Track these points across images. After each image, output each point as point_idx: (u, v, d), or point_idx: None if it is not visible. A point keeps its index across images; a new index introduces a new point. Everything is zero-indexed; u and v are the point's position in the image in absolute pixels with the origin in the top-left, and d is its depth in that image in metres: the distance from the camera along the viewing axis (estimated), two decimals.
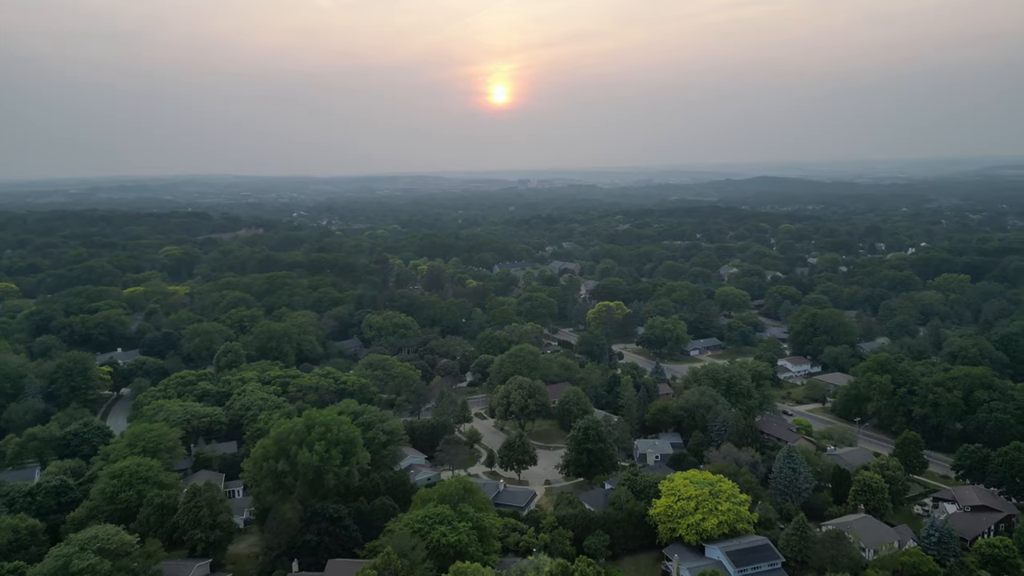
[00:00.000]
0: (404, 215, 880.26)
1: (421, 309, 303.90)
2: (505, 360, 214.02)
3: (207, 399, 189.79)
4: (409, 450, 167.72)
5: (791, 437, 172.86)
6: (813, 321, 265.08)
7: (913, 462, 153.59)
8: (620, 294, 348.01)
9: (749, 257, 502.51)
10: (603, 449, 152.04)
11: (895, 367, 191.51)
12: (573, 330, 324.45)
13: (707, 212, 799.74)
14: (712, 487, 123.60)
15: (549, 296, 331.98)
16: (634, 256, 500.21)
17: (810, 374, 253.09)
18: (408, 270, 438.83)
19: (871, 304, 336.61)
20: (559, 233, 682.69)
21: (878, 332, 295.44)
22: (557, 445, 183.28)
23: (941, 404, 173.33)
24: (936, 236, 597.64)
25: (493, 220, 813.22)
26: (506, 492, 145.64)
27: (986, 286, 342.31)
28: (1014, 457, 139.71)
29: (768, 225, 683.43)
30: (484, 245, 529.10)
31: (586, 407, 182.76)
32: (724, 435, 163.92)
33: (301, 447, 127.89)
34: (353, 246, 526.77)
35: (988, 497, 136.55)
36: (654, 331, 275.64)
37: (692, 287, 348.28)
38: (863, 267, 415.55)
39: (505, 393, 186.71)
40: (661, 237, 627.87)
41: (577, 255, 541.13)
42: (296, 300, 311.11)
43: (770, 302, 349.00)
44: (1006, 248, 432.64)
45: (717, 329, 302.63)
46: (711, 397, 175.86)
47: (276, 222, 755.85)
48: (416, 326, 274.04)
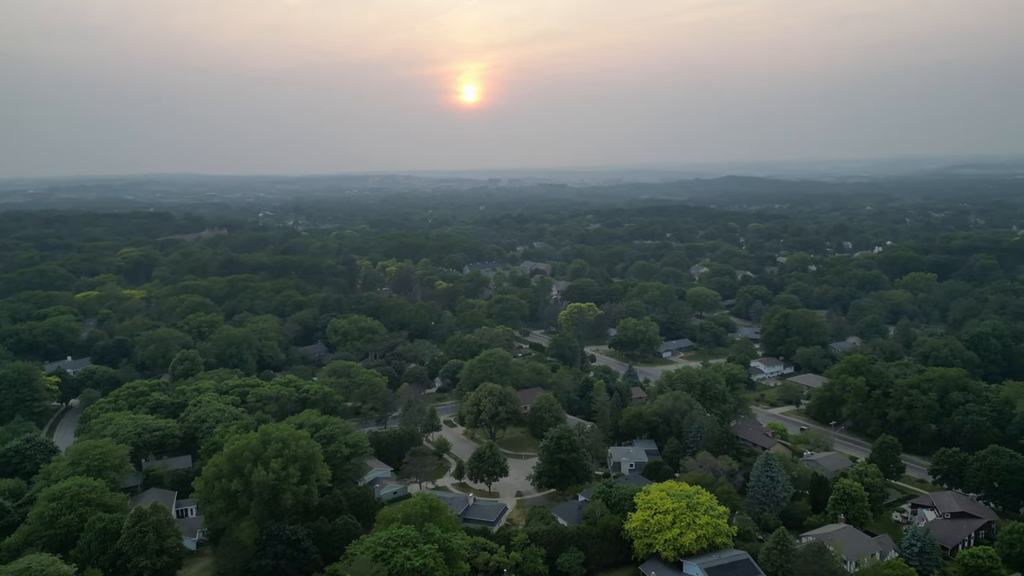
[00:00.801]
0: (373, 215, 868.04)
1: (389, 312, 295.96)
2: (475, 365, 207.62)
3: (160, 411, 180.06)
4: (374, 462, 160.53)
5: (767, 442, 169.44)
6: (785, 322, 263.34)
7: (890, 467, 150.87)
8: (592, 295, 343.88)
9: (719, 256, 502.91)
10: (576, 459, 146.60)
11: (869, 369, 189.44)
12: (545, 332, 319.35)
13: (677, 211, 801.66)
14: (689, 500, 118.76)
15: (520, 298, 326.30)
16: (605, 256, 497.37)
17: (783, 375, 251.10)
18: (376, 272, 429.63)
19: (841, 303, 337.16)
20: (530, 233, 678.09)
21: (849, 332, 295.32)
22: (529, 453, 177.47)
23: (916, 406, 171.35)
24: (901, 235, 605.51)
25: (464, 220, 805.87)
26: (475, 507, 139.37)
27: (953, 285, 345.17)
28: (992, 461, 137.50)
29: (737, 224, 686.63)
30: (454, 245, 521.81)
31: (558, 414, 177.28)
32: (700, 442, 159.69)
33: (256, 465, 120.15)
34: (319, 247, 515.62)
35: (967, 503, 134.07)
36: (626, 333, 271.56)
37: (664, 287, 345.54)
38: (832, 266, 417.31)
39: (475, 401, 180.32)
40: (632, 237, 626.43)
41: (548, 255, 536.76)
42: (258, 304, 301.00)
43: (741, 302, 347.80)
44: (971, 247, 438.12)
45: (689, 330, 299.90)
46: (686, 402, 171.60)
47: (241, 222, 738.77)
48: (383, 330, 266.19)
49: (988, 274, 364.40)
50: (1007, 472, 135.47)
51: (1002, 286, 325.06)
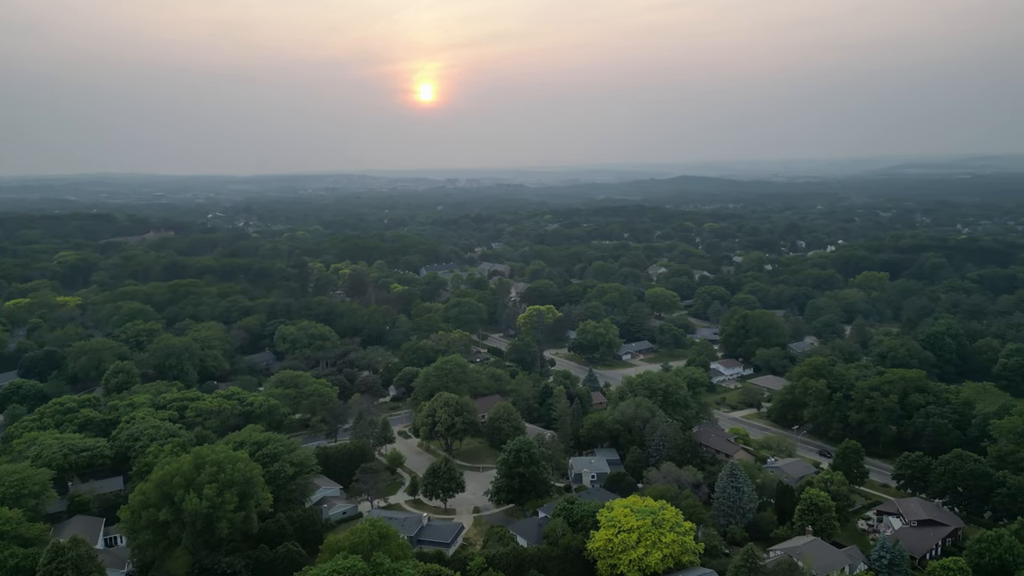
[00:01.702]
0: (327, 215, 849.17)
1: (341, 317, 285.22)
2: (431, 373, 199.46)
3: (90, 429, 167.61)
4: (322, 480, 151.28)
5: (730, 449, 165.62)
6: (744, 323, 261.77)
7: (854, 472, 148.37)
8: (551, 297, 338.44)
9: (676, 256, 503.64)
10: (536, 473, 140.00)
11: (830, 371, 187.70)
12: (503, 335, 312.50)
13: (633, 211, 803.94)
14: (655, 516, 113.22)
15: (478, 301, 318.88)
16: (564, 257, 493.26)
17: (743, 377, 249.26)
18: (329, 274, 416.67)
19: (797, 303, 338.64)
20: (488, 233, 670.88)
21: (806, 331, 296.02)
22: (487, 465, 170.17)
23: (877, 409, 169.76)
24: (852, 234, 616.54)
25: (421, 220, 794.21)
26: (430, 527, 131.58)
27: (905, 284, 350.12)
28: (956, 466, 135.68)
29: (693, 224, 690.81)
30: (411, 247, 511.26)
31: (517, 423, 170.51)
32: (662, 451, 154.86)
33: (188, 491, 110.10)
34: (270, 249, 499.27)
35: (933, 510, 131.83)
36: (586, 336, 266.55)
37: (623, 288, 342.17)
38: (787, 266, 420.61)
39: (430, 412, 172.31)
40: (590, 237, 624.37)
41: (507, 256, 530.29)
42: (202, 310, 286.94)
43: (699, 303, 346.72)
44: (920, 246, 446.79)
45: (648, 332, 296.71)
46: (648, 409, 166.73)
47: (189, 224, 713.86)
48: (335, 336, 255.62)
49: (938, 272, 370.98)
50: (971, 477, 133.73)
51: (953, 284, 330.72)
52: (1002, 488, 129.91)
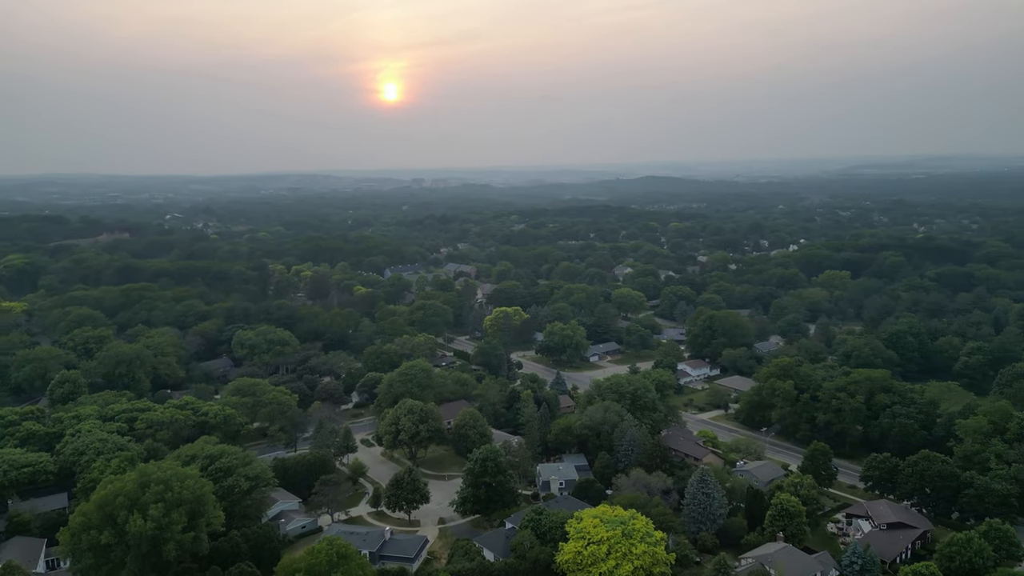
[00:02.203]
0: (290, 216, 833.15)
1: (302, 321, 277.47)
2: (395, 379, 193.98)
3: (33, 443, 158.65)
4: (280, 494, 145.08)
5: (699, 452, 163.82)
6: (711, 323, 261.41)
7: (822, 474, 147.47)
8: (517, 298, 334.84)
9: (642, 256, 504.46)
10: (503, 482, 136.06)
11: (797, 372, 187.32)
12: (470, 338, 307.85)
13: (599, 211, 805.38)
14: (625, 527, 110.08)
15: (444, 303, 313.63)
16: (530, 257, 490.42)
17: (710, 377, 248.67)
18: (290, 277, 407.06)
19: (762, 302, 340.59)
20: (454, 234, 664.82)
21: (771, 331, 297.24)
22: (453, 474, 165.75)
23: (844, 410, 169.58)
24: (813, 233, 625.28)
25: (385, 220, 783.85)
26: (393, 541, 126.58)
27: (866, 282, 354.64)
28: (923, 467, 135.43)
29: (658, 224, 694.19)
30: (375, 248, 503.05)
31: (484, 430, 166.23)
32: (631, 456, 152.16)
33: (132, 512, 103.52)
34: (229, 251, 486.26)
35: (902, 512, 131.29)
36: (553, 338, 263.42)
37: (589, 289, 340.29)
38: (752, 265, 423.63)
39: (393, 419, 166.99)
40: (556, 237, 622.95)
41: (473, 257, 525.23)
42: (156, 316, 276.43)
43: (665, 303, 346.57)
44: (879, 244, 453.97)
45: (616, 333, 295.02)
46: (616, 413, 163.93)
47: (145, 225, 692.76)
48: (295, 341, 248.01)
49: (898, 271, 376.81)
50: (939, 478, 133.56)
51: (912, 283, 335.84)
52: (969, 489, 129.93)
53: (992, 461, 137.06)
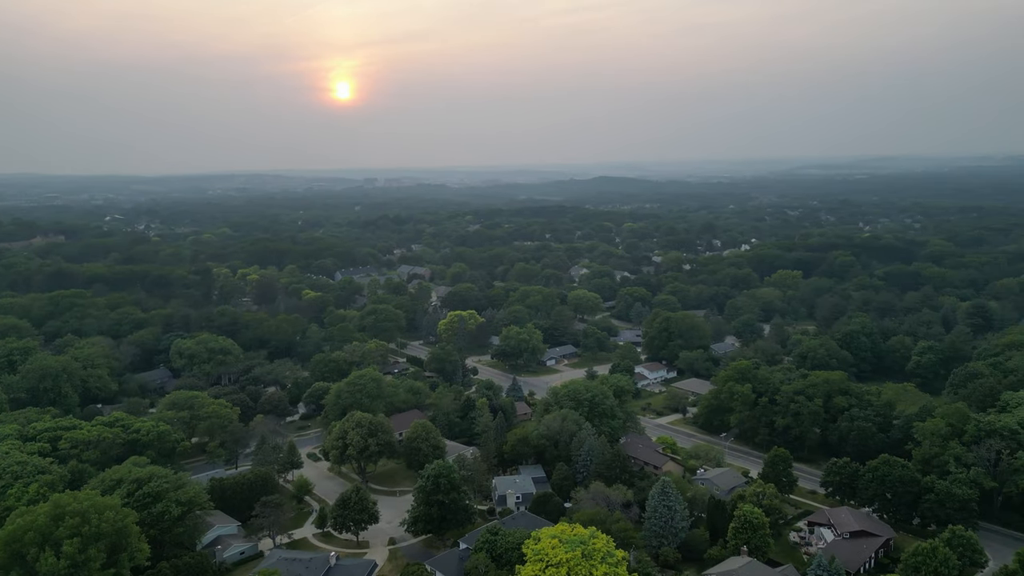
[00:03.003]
0: (237, 217, 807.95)
1: (246, 328, 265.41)
2: (343, 389, 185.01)
3: None
4: (217, 517, 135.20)
5: (658, 460, 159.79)
6: (667, 325, 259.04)
7: (783, 481, 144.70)
8: (473, 301, 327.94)
9: (597, 257, 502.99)
10: (457, 500, 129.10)
11: (755, 375, 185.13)
12: (424, 343, 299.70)
13: (554, 212, 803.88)
14: (585, 546, 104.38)
15: (397, 307, 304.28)
16: (486, 258, 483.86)
17: (667, 380, 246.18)
18: (235, 281, 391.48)
19: (717, 303, 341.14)
20: (408, 235, 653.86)
21: (727, 331, 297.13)
22: (405, 489, 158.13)
23: (803, 413, 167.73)
24: (763, 232, 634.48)
25: (337, 221, 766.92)
26: (339, 567, 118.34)
27: (817, 282, 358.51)
28: (884, 472, 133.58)
29: (612, 224, 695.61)
30: (326, 249, 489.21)
31: (436, 442, 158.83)
32: (590, 466, 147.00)
33: (43, 549, 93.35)
34: (171, 254, 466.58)
35: (865, 520, 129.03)
36: (509, 342, 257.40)
37: (545, 291, 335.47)
38: (706, 265, 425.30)
39: (341, 433, 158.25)
40: (512, 238, 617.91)
41: (427, 258, 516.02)
42: (88, 324, 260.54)
43: (621, 304, 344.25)
44: (829, 244, 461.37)
45: (572, 335, 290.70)
46: (574, 422, 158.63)
47: (83, 228, 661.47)
48: (238, 350, 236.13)
49: (847, 270, 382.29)
50: (899, 483, 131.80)
51: (862, 283, 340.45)
52: (930, 494, 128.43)
53: (951, 464, 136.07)
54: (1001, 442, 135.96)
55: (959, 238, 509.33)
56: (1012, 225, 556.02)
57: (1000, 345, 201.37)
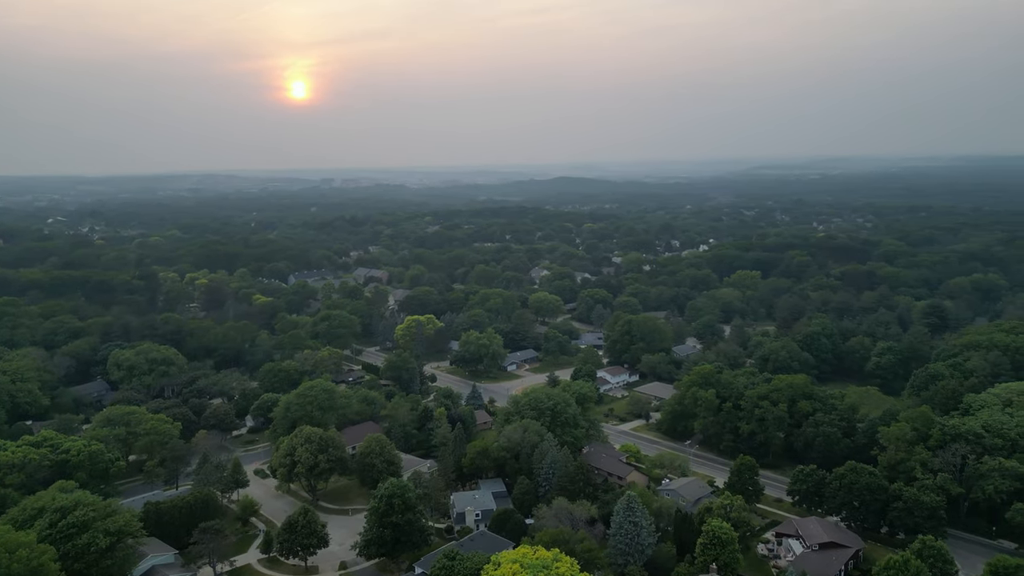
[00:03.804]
0: (187, 218, 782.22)
1: (192, 336, 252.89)
2: (292, 401, 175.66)
3: None
4: (152, 544, 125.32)
5: (623, 471, 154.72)
6: (629, 328, 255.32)
7: (749, 490, 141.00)
8: (431, 305, 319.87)
9: (558, 258, 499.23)
10: (412, 520, 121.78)
11: (718, 380, 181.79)
12: (380, 349, 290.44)
13: (515, 212, 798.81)
14: (548, 571, 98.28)
15: (352, 312, 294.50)
16: (445, 261, 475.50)
17: (629, 384, 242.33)
18: (183, 286, 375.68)
19: (677, 304, 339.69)
20: (365, 236, 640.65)
21: (688, 332, 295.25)
22: (358, 507, 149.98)
23: (767, 419, 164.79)
24: (721, 232, 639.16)
25: (292, 223, 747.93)
26: None
27: (775, 282, 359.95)
28: (851, 480, 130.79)
29: (572, 225, 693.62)
30: (279, 252, 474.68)
31: (391, 457, 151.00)
32: (552, 479, 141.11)
33: None
34: (115, 258, 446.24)
35: (833, 530, 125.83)
36: (469, 348, 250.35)
37: (506, 294, 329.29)
38: (665, 266, 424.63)
39: (289, 450, 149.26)
40: (471, 239, 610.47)
41: (385, 261, 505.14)
42: (19, 335, 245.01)
43: (583, 306, 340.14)
44: (785, 244, 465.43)
45: (534, 339, 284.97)
46: (535, 433, 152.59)
47: (22, 230, 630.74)
48: (182, 360, 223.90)
49: (804, 270, 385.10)
50: (867, 491, 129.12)
51: (820, 283, 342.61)
52: (898, 502, 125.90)
53: (917, 470, 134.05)
54: (966, 446, 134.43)
55: (910, 237, 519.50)
56: (960, 224, 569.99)
57: (958, 346, 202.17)
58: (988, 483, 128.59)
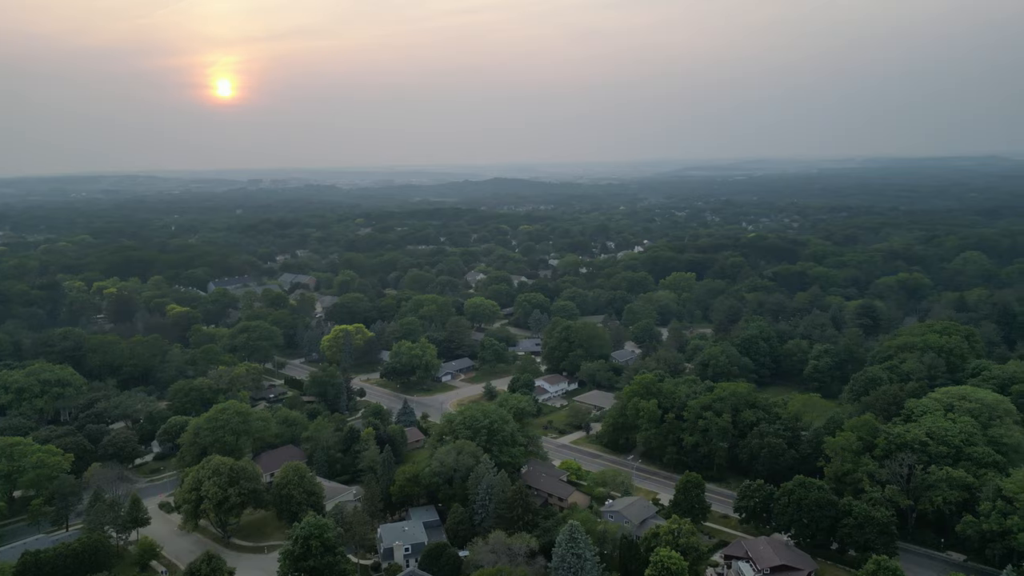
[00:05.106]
0: (101, 222, 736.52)
1: (94, 352, 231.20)
2: (201, 426, 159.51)
3: None
4: None
5: (564, 491, 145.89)
6: (567, 335, 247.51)
7: (696, 509, 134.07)
8: (361, 313, 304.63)
9: (495, 261, 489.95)
10: (333, 564, 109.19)
11: (660, 389, 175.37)
12: (305, 361, 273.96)
13: (450, 214, 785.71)
14: None
15: (275, 321, 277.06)
16: (377, 265, 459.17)
17: (568, 392, 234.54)
18: (89, 296, 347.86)
19: (614, 307, 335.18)
20: (292, 240, 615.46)
21: (625, 336, 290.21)
22: (275, 543, 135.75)
23: (711, 430, 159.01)
24: (654, 233, 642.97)
25: (215, 226, 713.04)
26: None
27: (710, 283, 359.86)
28: (800, 495, 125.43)
29: (508, 227, 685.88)
30: (199, 258, 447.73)
31: (311, 487, 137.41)
32: (489, 506, 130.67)
33: None
34: (14, 266, 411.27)
35: (785, 552, 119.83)
36: (400, 359, 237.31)
37: (441, 300, 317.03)
38: (602, 268, 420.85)
39: (194, 484, 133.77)
40: (405, 241, 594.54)
41: (313, 266, 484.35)
42: None
43: (520, 311, 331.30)
44: (718, 245, 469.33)
45: (470, 347, 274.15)
46: (470, 455, 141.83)
47: None
48: (80, 380, 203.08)
49: (738, 271, 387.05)
50: (816, 507, 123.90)
51: (754, 284, 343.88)
52: (848, 518, 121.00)
53: (865, 482, 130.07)
54: (912, 455, 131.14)
55: (835, 236, 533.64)
56: (880, 224, 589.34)
57: (892, 347, 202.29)
58: (936, 494, 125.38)
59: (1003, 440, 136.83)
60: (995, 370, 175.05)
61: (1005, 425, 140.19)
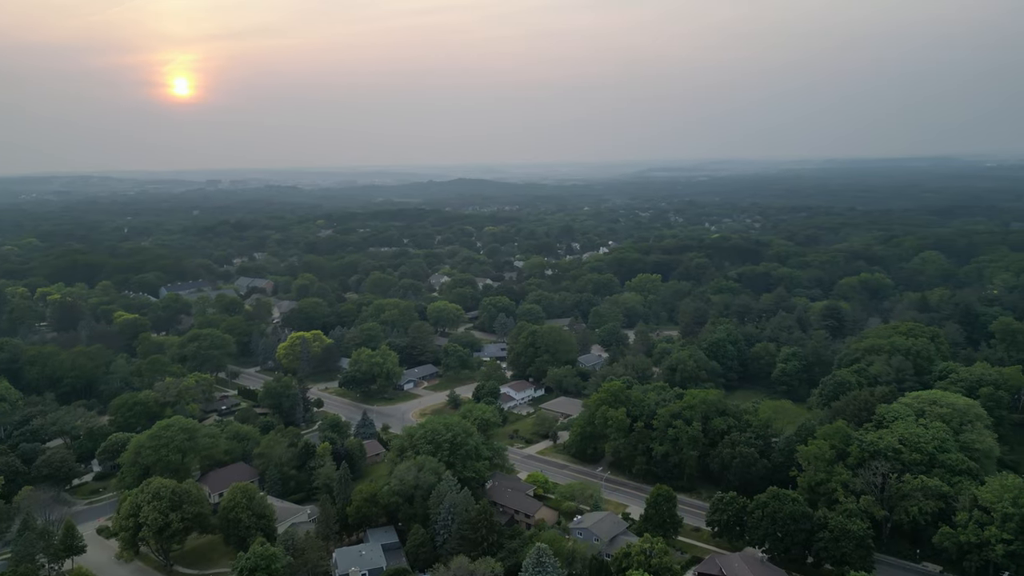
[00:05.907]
0: (49, 225, 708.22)
1: (31, 364, 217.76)
2: (143, 444, 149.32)
3: None
4: None
5: (531, 507, 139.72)
6: (533, 340, 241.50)
7: (667, 523, 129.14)
8: (320, 318, 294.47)
9: (459, 263, 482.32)
10: None
11: (628, 397, 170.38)
12: (260, 369, 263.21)
13: (413, 215, 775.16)
14: None
15: (229, 328, 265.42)
16: (338, 268, 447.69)
17: (535, 399, 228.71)
18: (32, 303, 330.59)
19: (580, 310, 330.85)
20: (251, 242, 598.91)
21: (593, 340, 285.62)
22: (222, 571, 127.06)
23: (681, 439, 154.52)
24: (619, 234, 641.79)
25: (170, 228, 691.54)
26: None
27: (676, 285, 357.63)
28: (774, 508, 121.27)
29: (473, 228, 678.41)
30: (151, 262, 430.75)
31: (262, 510, 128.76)
32: (452, 527, 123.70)
33: None
34: None
35: (759, 567, 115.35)
36: (360, 367, 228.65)
37: (403, 304, 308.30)
38: (567, 270, 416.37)
39: (132, 509, 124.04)
40: (367, 244, 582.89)
41: (271, 269, 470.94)
42: None
43: (485, 315, 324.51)
44: (683, 246, 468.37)
45: (433, 353, 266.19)
46: (432, 471, 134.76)
47: None
48: (14, 395, 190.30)
49: (703, 272, 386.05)
50: (791, 520, 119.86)
51: (720, 285, 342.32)
52: (824, 532, 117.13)
53: (839, 492, 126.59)
54: (886, 464, 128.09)
55: (797, 237, 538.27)
56: (840, 224, 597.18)
57: (860, 349, 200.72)
58: (911, 503, 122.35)
59: (975, 446, 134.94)
60: (962, 372, 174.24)
61: (976, 430, 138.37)
